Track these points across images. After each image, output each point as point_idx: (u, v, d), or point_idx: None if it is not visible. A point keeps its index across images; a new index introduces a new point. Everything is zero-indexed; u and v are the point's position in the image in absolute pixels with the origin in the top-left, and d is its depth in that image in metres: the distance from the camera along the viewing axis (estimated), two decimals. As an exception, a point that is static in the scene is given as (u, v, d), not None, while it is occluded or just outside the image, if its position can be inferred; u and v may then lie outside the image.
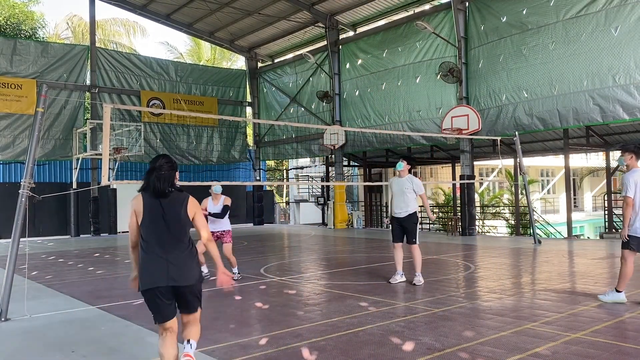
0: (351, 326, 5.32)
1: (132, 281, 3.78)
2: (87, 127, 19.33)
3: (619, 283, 6.07)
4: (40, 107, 6.50)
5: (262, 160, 26.11)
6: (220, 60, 33.35)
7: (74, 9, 66.79)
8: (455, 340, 4.71)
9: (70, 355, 4.64)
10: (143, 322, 5.71)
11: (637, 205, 5.95)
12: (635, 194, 5.94)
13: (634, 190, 5.94)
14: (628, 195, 5.94)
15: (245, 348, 4.66)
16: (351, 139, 20.77)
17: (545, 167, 32.18)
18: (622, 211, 6.12)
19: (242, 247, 14.18)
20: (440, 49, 17.01)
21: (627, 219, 5.98)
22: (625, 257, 6.04)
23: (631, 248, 5.99)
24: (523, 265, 9.84)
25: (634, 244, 5.97)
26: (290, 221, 28.39)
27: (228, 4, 20.99)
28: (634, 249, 5.98)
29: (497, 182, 27.31)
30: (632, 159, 6.13)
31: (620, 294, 6.06)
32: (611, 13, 12.88)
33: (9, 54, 19.18)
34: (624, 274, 6.02)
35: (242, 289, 7.64)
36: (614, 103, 12.88)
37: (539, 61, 14.33)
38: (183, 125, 23.29)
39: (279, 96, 24.52)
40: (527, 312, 5.79)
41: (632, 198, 5.94)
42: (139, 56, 23.75)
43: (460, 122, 15.69)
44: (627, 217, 5.98)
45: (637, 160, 6.13)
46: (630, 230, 5.99)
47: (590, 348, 4.40)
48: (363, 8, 19.93)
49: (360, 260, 10.93)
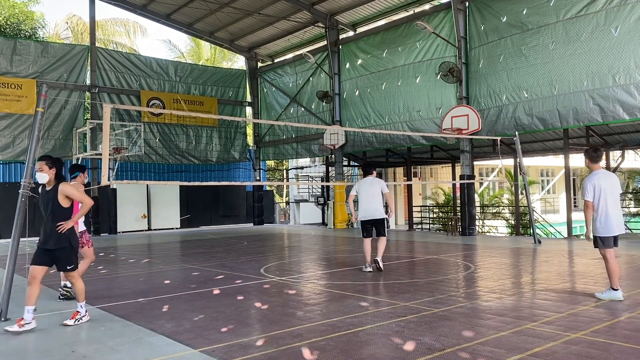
0: (351, 326, 5.32)
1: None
2: (87, 127, 19.33)
3: (610, 281, 6.30)
4: (40, 107, 6.49)
5: (262, 160, 26.11)
6: (220, 60, 33.35)
7: (74, 9, 66.81)
8: (455, 340, 4.71)
9: (70, 355, 4.64)
10: (143, 322, 5.71)
11: (598, 207, 6.31)
12: (594, 196, 6.31)
13: (592, 193, 6.32)
14: (587, 199, 6.35)
15: (245, 348, 4.66)
16: (351, 139, 20.77)
17: (545, 167, 32.18)
18: (584, 214, 6.50)
19: (242, 247, 14.18)
20: (440, 49, 17.01)
21: (588, 221, 6.43)
22: (603, 255, 6.36)
23: (601, 246, 6.33)
24: (523, 265, 9.84)
25: (600, 242, 6.34)
26: (290, 221, 28.40)
27: (228, 4, 20.99)
28: (604, 246, 6.31)
29: (497, 182, 27.28)
30: (589, 163, 6.53)
31: (617, 291, 6.20)
32: (611, 13, 12.88)
33: (9, 54, 19.19)
34: (609, 271, 6.30)
35: (242, 289, 7.64)
36: (614, 103, 12.88)
37: (539, 61, 14.33)
38: (183, 125, 23.29)
39: (279, 96, 24.52)
40: (527, 312, 5.79)
41: (592, 201, 6.32)
42: (138, 56, 23.75)
43: (460, 122, 15.70)
44: (589, 220, 6.42)
45: (593, 163, 6.47)
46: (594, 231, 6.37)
47: (590, 348, 4.40)
48: (363, 8, 19.93)
49: (360, 261, 10.92)
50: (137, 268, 10.48)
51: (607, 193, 6.29)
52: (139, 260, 11.84)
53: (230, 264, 10.56)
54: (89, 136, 19.36)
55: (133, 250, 14.49)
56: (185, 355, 4.54)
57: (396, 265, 9.90)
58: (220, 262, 10.99)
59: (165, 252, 13.78)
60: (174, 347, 4.78)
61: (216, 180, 24.13)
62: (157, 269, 10.41)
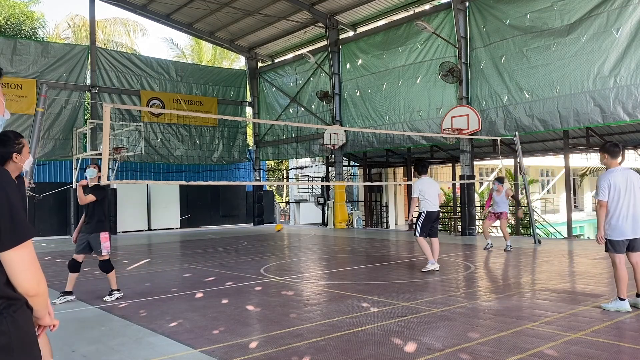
0: (351, 326, 5.32)
1: None
2: (87, 127, 19.32)
3: (618, 289, 5.78)
4: (40, 107, 6.51)
5: (262, 160, 26.10)
6: (220, 60, 33.35)
7: (74, 9, 66.81)
8: (455, 340, 4.71)
9: (70, 355, 4.64)
10: (143, 322, 5.71)
11: (610, 207, 5.72)
12: (609, 196, 5.70)
13: (608, 192, 5.71)
14: (600, 198, 5.73)
15: (245, 348, 4.66)
16: (351, 139, 20.77)
17: (545, 167, 32.18)
18: (596, 214, 5.87)
19: (242, 247, 14.18)
20: (441, 49, 17.01)
21: (601, 223, 5.77)
22: (613, 260, 5.82)
23: (610, 250, 5.78)
24: (523, 265, 9.84)
25: (610, 246, 5.77)
26: (290, 221, 28.40)
27: (228, 4, 20.98)
28: (614, 251, 5.75)
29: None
30: (607, 159, 5.87)
31: (624, 302, 5.69)
32: (613, 14, 12.88)
33: (9, 54, 19.18)
34: (617, 278, 5.78)
35: (242, 289, 7.65)
36: (614, 104, 12.87)
37: (540, 62, 14.32)
38: (183, 125, 23.30)
39: (279, 96, 24.51)
40: (527, 312, 5.79)
41: (607, 201, 5.71)
42: (139, 56, 23.75)
43: (460, 122, 15.70)
44: (602, 221, 5.77)
45: (613, 159, 5.84)
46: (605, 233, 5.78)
47: (590, 348, 4.40)
48: (363, 8, 19.92)
49: (360, 260, 10.93)
50: (137, 268, 10.48)
51: (623, 192, 5.67)
52: (139, 260, 11.84)
53: (230, 264, 10.56)
54: (89, 136, 19.35)
55: (133, 250, 14.49)
56: (185, 355, 4.54)
57: (396, 265, 9.89)
58: (220, 262, 10.99)
59: (165, 252, 13.78)
60: (174, 347, 4.78)
61: (216, 180, 24.12)
62: (157, 269, 10.41)
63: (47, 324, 2.01)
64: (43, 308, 1.91)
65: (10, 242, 1.72)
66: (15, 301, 1.75)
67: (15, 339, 1.70)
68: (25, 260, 1.75)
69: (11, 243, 1.72)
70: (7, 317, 1.70)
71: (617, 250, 5.72)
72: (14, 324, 1.71)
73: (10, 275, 1.74)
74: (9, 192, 1.75)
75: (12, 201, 1.74)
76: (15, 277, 1.74)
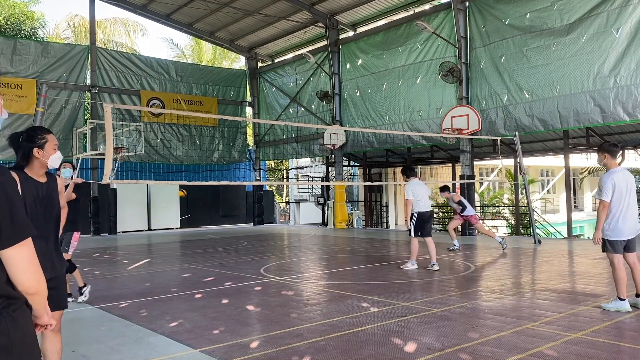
0: (351, 326, 5.32)
1: None
2: (87, 127, 19.32)
3: (617, 290, 5.76)
4: (40, 107, 6.51)
5: (262, 160, 26.10)
6: (220, 60, 33.36)
7: (74, 9, 66.75)
8: (455, 340, 4.71)
9: (70, 355, 4.63)
10: (143, 322, 5.71)
11: (612, 208, 5.69)
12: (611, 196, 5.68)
13: (611, 192, 5.67)
14: (603, 199, 5.69)
15: (245, 348, 4.66)
16: (351, 139, 20.76)
17: (545, 167, 32.18)
18: (597, 214, 5.84)
19: (242, 247, 14.18)
20: (441, 49, 17.01)
21: (601, 222, 5.75)
22: (610, 260, 5.81)
23: (609, 250, 5.75)
24: (523, 265, 9.84)
25: (608, 246, 5.76)
26: (290, 221, 28.41)
27: (228, 4, 20.98)
28: (613, 251, 5.73)
29: (497, 182, 27.28)
30: (607, 159, 5.85)
31: (624, 302, 5.68)
32: (613, 14, 12.87)
33: (9, 54, 19.18)
34: (616, 278, 5.75)
35: (242, 289, 7.65)
36: (614, 104, 12.87)
37: (540, 62, 14.32)
38: (183, 125, 23.30)
39: (279, 96, 24.51)
40: (527, 312, 5.79)
41: (609, 202, 5.68)
42: (139, 56, 23.75)
43: (460, 122, 15.69)
44: (602, 220, 5.75)
45: (613, 158, 5.82)
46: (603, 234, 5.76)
47: (590, 348, 4.40)
48: (363, 8, 19.92)
49: (360, 260, 10.93)
50: (137, 268, 10.48)
51: (624, 193, 5.69)
52: (139, 260, 11.84)
53: (230, 264, 10.56)
54: (89, 136, 19.34)
55: (133, 250, 14.49)
56: (185, 355, 4.54)
57: (396, 265, 9.89)
58: (220, 262, 10.99)
59: (165, 252, 13.78)
60: (174, 347, 4.78)
61: (216, 180, 24.12)
62: (157, 269, 10.41)
63: (45, 323, 2.02)
64: (42, 307, 1.92)
65: (10, 240, 1.72)
66: (15, 300, 1.75)
67: (15, 338, 1.69)
68: (25, 258, 1.76)
69: (11, 241, 1.72)
70: (7, 317, 1.70)
71: (616, 251, 5.72)
72: (14, 323, 1.71)
73: (10, 274, 1.74)
74: (9, 191, 1.75)
75: (12, 199, 1.75)
76: (15, 275, 1.75)
